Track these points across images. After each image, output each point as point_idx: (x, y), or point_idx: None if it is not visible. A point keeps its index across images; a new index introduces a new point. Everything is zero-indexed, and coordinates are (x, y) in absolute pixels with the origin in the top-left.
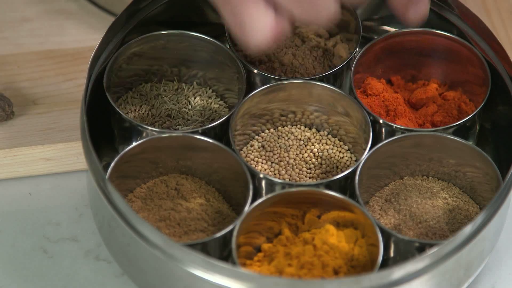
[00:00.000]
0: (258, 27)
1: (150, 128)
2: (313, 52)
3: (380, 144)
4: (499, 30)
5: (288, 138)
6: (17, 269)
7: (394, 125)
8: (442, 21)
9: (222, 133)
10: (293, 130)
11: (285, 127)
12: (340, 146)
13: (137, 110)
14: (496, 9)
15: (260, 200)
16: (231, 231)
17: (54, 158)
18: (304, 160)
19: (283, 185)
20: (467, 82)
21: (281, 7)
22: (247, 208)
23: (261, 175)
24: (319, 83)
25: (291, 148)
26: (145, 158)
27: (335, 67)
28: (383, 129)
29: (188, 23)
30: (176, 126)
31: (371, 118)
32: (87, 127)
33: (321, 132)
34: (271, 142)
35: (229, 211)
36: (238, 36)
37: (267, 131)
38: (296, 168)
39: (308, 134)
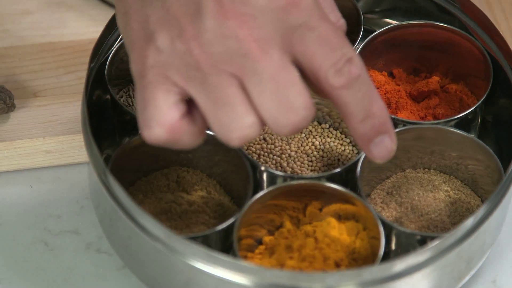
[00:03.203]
0: (157, 119)
1: None
2: None
3: None
4: (501, 22)
5: None
6: (18, 262)
7: (396, 117)
8: (443, 14)
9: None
10: None
11: None
12: (342, 139)
13: None
14: (498, 2)
15: (261, 193)
16: (232, 224)
17: (55, 150)
18: (305, 153)
19: (285, 178)
20: (469, 75)
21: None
22: (248, 201)
23: (263, 168)
24: None
25: (292, 141)
26: (146, 151)
27: None
28: None
29: None
30: None
31: None
32: (88, 119)
33: (323, 125)
34: (272, 135)
35: (230, 204)
36: (138, 118)
37: None
38: (298, 161)
39: (309, 127)
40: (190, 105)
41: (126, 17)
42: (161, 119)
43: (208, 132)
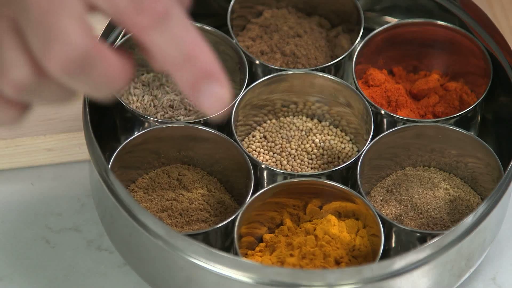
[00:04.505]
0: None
1: (152, 118)
2: (315, 43)
3: (381, 135)
4: (500, 20)
5: (290, 129)
6: (19, 259)
7: (396, 115)
8: (443, 12)
9: (224, 124)
10: (294, 120)
11: (287, 117)
12: (342, 137)
13: (139, 100)
14: (498, 0)
15: (261, 191)
16: (233, 221)
17: (56, 148)
18: (305, 151)
19: (285, 176)
20: (468, 73)
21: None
22: (248, 199)
23: (263, 166)
24: (321, 74)
25: (292, 138)
26: (147, 149)
27: (337, 57)
28: (385, 120)
29: (190, 13)
30: (178, 116)
31: (372, 108)
32: (89, 117)
33: (323, 123)
34: (272, 133)
35: (231, 201)
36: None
37: (269, 121)
38: (298, 158)
39: (309, 124)
40: None
41: None
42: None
43: (210, 130)
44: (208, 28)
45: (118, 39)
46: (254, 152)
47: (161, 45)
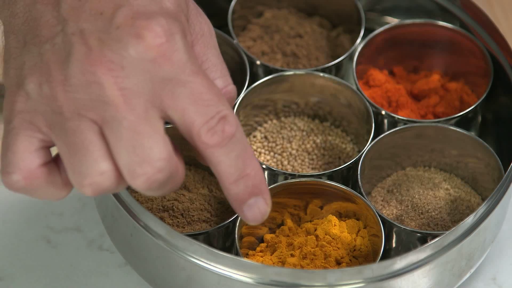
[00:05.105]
0: (15, 164)
1: None
2: (316, 43)
3: (382, 135)
4: (501, 21)
5: (291, 129)
6: (21, 259)
7: (396, 116)
8: (444, 12)
9: None
10: (295, 121)
11: (288, 118)
12: (343, 137)
13: None
14: (498, 0)
15: None
16: (233, 222)
17: None
18: (306, 151)
19: (286, 176)
20: (469, 73)
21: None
22: None
23: (264, 166)
24: (321, 74)
25: (293, 139)
26: None
27: (338, 58)
28: (385, 120)
29: None
30: None
31: (373, 109)
32: None
33: (324, 123)
34: (273, 133)
35: None
36: None
37: (269, 122)
38: (299, 158)
39: (310, 125)
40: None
41: (6, 64)
42: (19, 165)
43: None
44: None
45: None
46: (255, 152)
47: (222, 162)
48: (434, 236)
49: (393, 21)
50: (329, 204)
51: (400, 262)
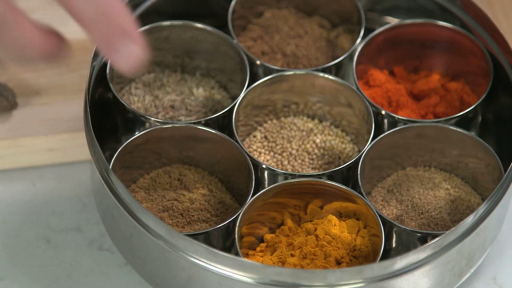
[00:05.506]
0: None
1: (153, 118)
2: (316, 43)
3: (382, 135)
4: (501, 21)
5: (291, 129)
6: (21, 259)
7: (397, 116)
8: (444, 12)
9: (225, 124)
10: (295, 120)
11: (288, 118)
12: (343, 137)
13: (140, 100)
14: (499, 0)
15: (262, 191)
16: (233, 222)
17: (58, 148)
18: (306, 151)
19: (286, 176)
20: (469, 73)
21: None
22: (249, 199)
23: (264, 166)
24: (321, 74)
25: (293, 138)
26: (148, 149)
27: (338, 58)
28: (386, 120)
29: (191, 14)
30: (179, 116)
31: (373, 109)
32: (90, 117)
33: (324, 123)
34: (273, 133)
35: (231, 201)
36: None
37: (269, 122)
38: (299, 158)
39: (310, 124)
40: None
41: None
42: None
43: (211, 130)
44: (209, 28)
45: None
46: (255, 152)
47: (76, 1)
48: (434, 236)
49: (393, 21)
50: (329, 204)
51: (400, 262)
